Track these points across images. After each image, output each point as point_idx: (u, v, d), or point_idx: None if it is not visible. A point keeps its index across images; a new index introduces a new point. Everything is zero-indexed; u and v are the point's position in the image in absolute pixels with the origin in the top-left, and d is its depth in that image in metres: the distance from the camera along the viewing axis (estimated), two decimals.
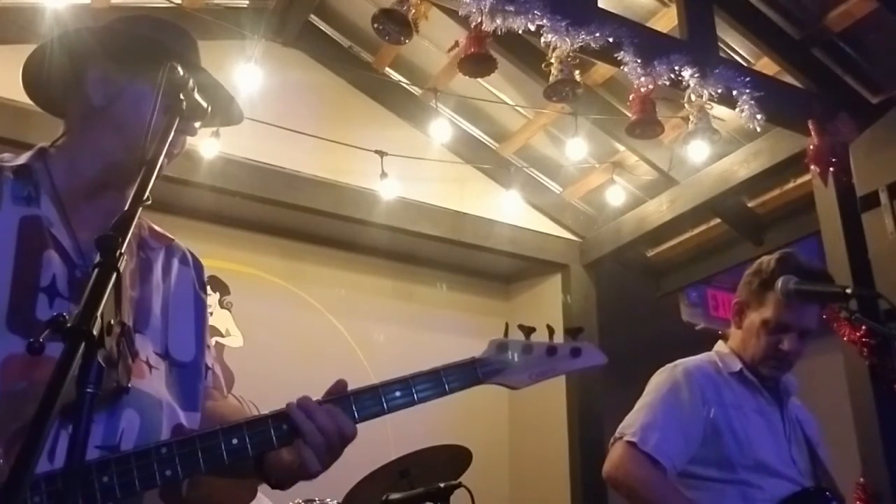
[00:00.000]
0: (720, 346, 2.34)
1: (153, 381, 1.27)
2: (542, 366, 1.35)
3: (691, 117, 3.58)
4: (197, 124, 1.34)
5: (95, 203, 1.32)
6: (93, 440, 1.11)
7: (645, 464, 2.05)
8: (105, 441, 1.17)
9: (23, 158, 1.32)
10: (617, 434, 2.15)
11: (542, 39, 3.10)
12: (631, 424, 2.13)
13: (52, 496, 1.07)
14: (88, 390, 0.87)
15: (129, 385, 1.19)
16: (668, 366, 2.27)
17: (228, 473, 1.35)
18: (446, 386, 1.31)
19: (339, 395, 1.26)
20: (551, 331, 1.38)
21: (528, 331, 1.36)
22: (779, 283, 2.12)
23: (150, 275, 1.37)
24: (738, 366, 2.23)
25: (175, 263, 1.43)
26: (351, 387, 1.29)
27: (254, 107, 3.84)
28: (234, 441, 1.18)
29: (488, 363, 1.34)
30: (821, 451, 2.25)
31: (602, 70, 4.19)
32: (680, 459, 2.09)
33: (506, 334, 1.37)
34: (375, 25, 3.28)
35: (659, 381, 2.23)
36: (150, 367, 1.27)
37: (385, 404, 1.26)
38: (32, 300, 1.19)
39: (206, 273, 1.52)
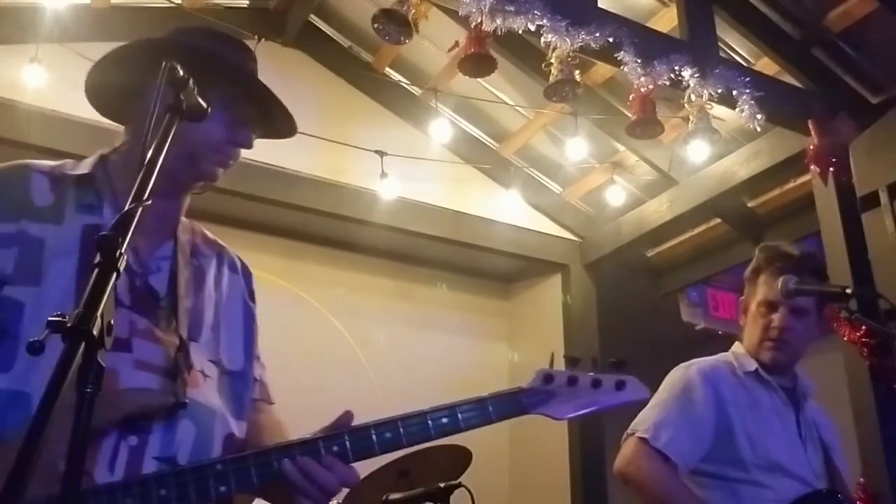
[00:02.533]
0: (737, 346, 2.36)
1: (206, 390, 1.29)
2: (586, 398, 1.37)
3: (691, 117, 3.57)
4: (252, 136, 1.40)
5: (152, 210, 1.31)
6: (150, 451, 1.17)
7: (656, 460, 2.06)
8: (162, 452, 1.19)
9: (85, 167, 1.34)
10: (629, 430, 2.16)
11: (542, 39, 3.10)
12: (643, 421, 2.14)
13: None
14: (88, 391, 0.86)
15: (186, 402, 1.22)
16: (683, 365, 2.28)
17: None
18: (492, 414, 1.33)
19: (385, 420, 1.27)
20: (595, 362, 1.41)
21: (573, 361, 1.39)
22: (779, 283, 2.14)
23: (203, 283, 1.39)
24: (753, 365, 2.24)
25: (226, 272, 1.46)
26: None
27: None
28: (286, 461, 1.19)
29: (534, 393, 1.36)
30: (836, 456, 2.24)
31: (602, 70, 4.19)
32: (692, 457, 2.11)
33: (551, 364, 1.39)
34: (375, 25, 3.27)
35: (673, 379, 2.24)
36: (204, 375, 1.30)
37: (432, 430, 1.29)
38: None
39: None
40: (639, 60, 3.20)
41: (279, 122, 1.48)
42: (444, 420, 1.29)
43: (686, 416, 2.13)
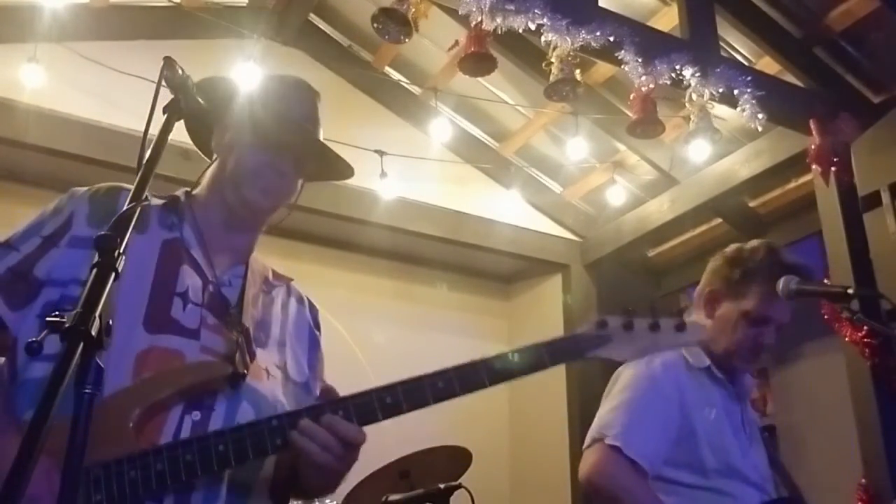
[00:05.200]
0: None
1: (270, 385, 1.35)
2: (644, 340, 1.35)
3: (692, 117, 3.56)
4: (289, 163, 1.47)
5: (228, 239, 1.45)
6: (213, 426, 1.23)
7: (628, 470, 1.90)
8: (224, 427, 1.24)
9: (171, 194, 1.46)
10: (596, 435, 1.97)
11: (543, 38, 3.09)
12: (611, 425, 1.95)
13: (172, 461, 1.15)
14: (87, 391, 0.85)
15: (246, 373, 1.28)
16: (643, 359, 2.03)
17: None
18: (546, 357, 1.30)
19: (439, 371, 1.31)
20: (654, 309, 1.38)
21: (629, 313, 1.36)
22: (780, 283, 2.03)
23: (272, 304, 1.49)
24: (706, 361, 2.09)
25: (293, 302, 1.55)
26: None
27: None
28: (340, 413, 1.23)
29: (588, 338, 1.34)
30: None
31: (603, 69, 4.17)
32: (659, 462, 1.96)
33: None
34: (375, 24, 3.26)
35: (636, 375, 2.04)
36: (268, 374, 1.37)
37: (485, 377, 1.30)
38: (168, 302, 1.29)
39: None
40: (639, 59, 3.19)
41: (335, 167, 1.58)
42: (497, 365, 1.29)
43: (656, 417, 1.98)
